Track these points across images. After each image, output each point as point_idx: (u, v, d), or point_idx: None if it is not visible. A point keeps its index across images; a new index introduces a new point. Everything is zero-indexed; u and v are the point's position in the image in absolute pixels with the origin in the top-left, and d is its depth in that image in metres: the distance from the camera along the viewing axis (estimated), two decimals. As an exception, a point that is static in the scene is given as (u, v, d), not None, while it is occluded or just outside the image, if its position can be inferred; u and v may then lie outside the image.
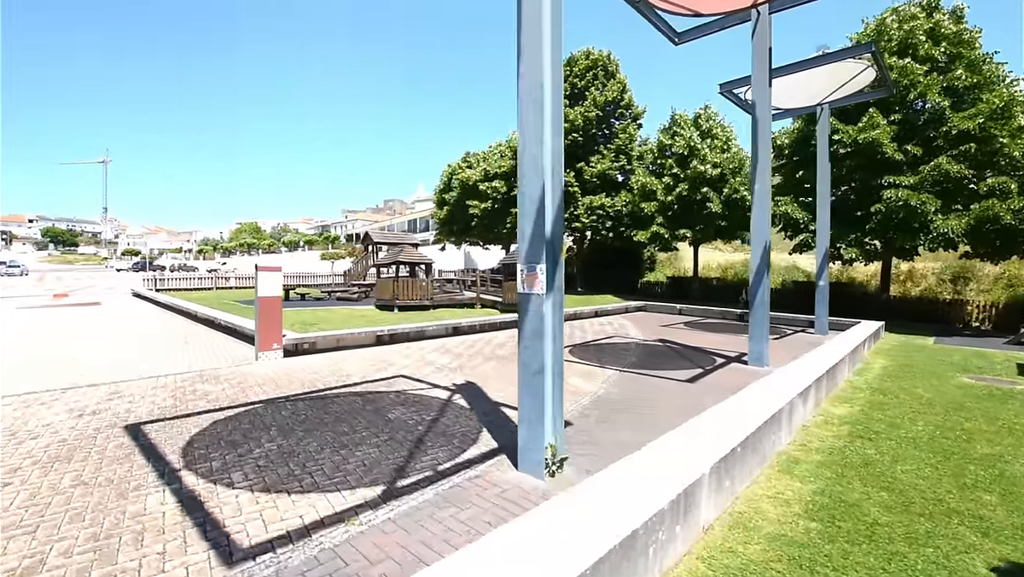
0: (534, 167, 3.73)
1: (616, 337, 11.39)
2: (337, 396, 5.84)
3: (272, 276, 7.90)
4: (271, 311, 7.83)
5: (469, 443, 4.42)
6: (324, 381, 6.55)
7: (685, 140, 19.85)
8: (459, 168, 29.69)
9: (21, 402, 5.36)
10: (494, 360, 8.32)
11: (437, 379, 6.87)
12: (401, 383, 6.57)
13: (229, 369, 7.20)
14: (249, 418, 4.92)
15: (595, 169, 23.44)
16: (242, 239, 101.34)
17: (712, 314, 16.31)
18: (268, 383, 6.39)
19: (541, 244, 3.70)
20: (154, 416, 4.95)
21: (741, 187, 18.71)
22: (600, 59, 24.37)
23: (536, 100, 3.73)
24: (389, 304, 16.44)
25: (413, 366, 7.67)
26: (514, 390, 6.26)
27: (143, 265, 58.07)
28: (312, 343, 8.64)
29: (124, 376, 6.67)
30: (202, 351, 8.71)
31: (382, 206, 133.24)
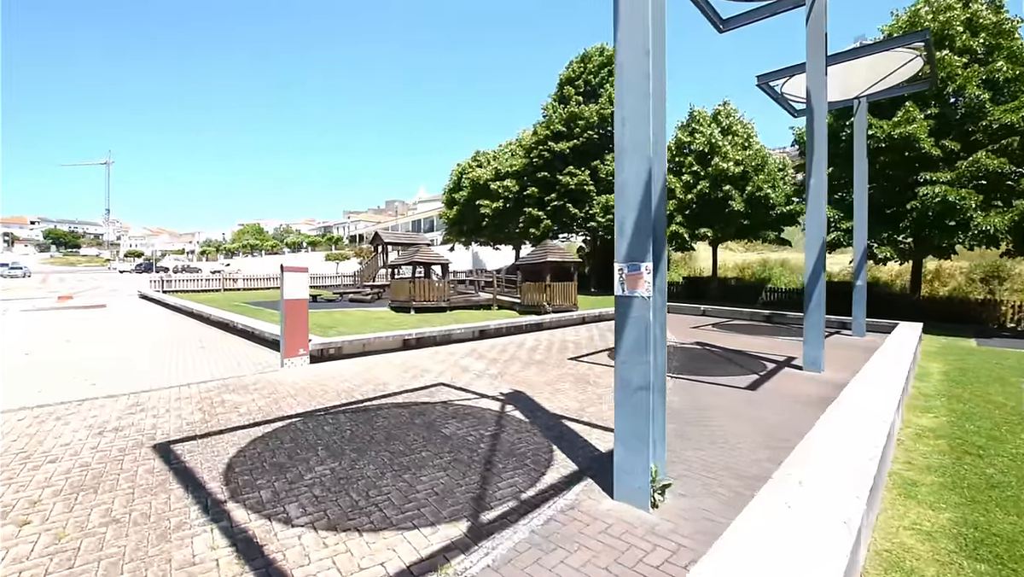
0: (636, 149, 3.22)
1: (650, 340, 10.86)
2: (379, 408, 5.32)
3: (298, 277, 7.38)
4: (298, 314, 7.32)
5: (544, 464, 3.91)
6: (361, 391, 6.03)
7: (705, 137, 19.34)
8: (469, 167, 29.20)
9: (34, 417, 4.84)
10: (534, 365, 7.81)
11: (480, 387, 6.35)
12: (444, 392, 6.05)
13: (255, 377, 6.68)
14: (290, 435, 4.40)
15: (611, 167, 22.92)
16: (244, 240, 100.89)
17: (739, 315, 15.79)
18: (300, 393, 5.87)
19: (646, 239, 3.19)
20: (184, 433, 4.43)
21: (764, 184, 18.20)
22: (615, 55, 23.87)
23: (640, 70, 3.21)
24: (405, 306, 15.93)
25: (450, 373, 7.15)
26: (567, 400, 5.76)
27: (146, 266, 57.59)
28: (338, 348, 8.13)
29: (143, 385, 6.15)
30: (221, 356, 8.19)
31: (384, 207, 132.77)
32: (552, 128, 23.38)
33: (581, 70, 24.07)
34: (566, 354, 8.97)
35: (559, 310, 15.37)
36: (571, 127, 23.09)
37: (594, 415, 5.27)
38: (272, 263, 75.48)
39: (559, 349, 9.47)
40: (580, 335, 11.44)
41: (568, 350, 9.41)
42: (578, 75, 24.09)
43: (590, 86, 24.09)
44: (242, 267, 67.10)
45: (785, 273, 23.05)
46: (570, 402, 5.77)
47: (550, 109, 24.11)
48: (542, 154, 23.70)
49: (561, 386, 6.52)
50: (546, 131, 23.62)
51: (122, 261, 75.36)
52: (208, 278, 24.65)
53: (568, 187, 22.70)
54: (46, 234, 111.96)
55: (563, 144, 23.01)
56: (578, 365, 7.97)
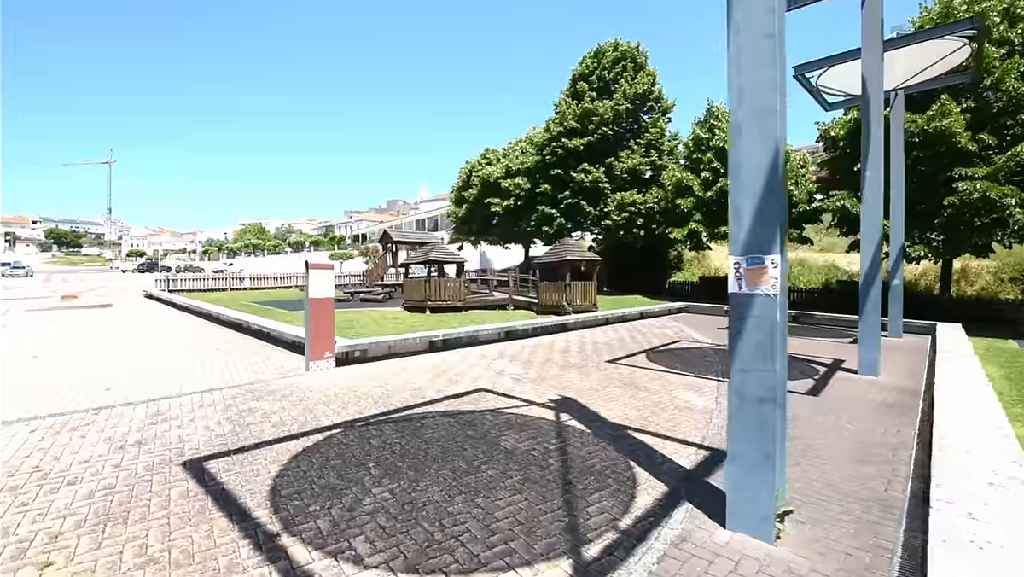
0: (761, 124, 2.75)
1: (684, 341, 10.40)
2: (424, 417, 4.86)
3: (324, 275, 6.92)
4: (324, 315, 6.85)
5: (629, 484, 3.44)
6: (397, 397, 5.56)
7: (726, 133, 18.84)
8: (479, 165, 28.73)
9: (47, 428, 4.38)
10: (572, 369, 7.34)
11: (524, 393, 5.89)
12: (488, 400, 5.58)
13: (280, 382, 6.22)
14: (335, 450, 3.94)
15: (625, 164, 22.48)
16: (247, 240, 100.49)
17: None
18: (333, 400, 5.40)
19: (773, 227, 2.72)
20: (215, 447, 3.97)
21: (787, 182, 17.69)
22: (629, 51, 23.43)
23: (766, 31, 2.74)
24: (420, 306, 15.47)
25: (487, 377, 6.68)
26: (624, 408, 5.26)
27: (149, 266, 57.17)
28: (364, 350, 7.66)
29: (161, 391, 5.69)
30: (239, 359, 7.73)
31: (385, 206, 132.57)
32: (566, 124, 22.91)
33: (595, 65, 23.60)
34: (601, 356, 8.51)
35: (579, 310, 14.91)
36: (585, 123, 22.62)
37: (660, 425, 4.80)
38: (275, 263, 75.02)
39: (592, 351, 9.01)
40: (608, 336, 10.96)
41: (601, 352, 8.94)
42: (591, 71, 23.63)
43: (603, 81, 23.62)
44: (245, 266, 66.68)
45: (804, 272, 22.56)
46: (628, 410, 5.30)
47: (563, 105, 23.64)
48: (555, 151, 23.23)
49: (611, 392, 6.05)
50: (559, 127, 23.15)
51: (124, 260, 74.96)
52: (214, 277, 24.19)
53: (583, 184, 22.23)
54: (48, 234, 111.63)
55: (577, 141, 22.54)
56: (619, 368, 7.50)
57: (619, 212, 22.06)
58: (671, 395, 5.99)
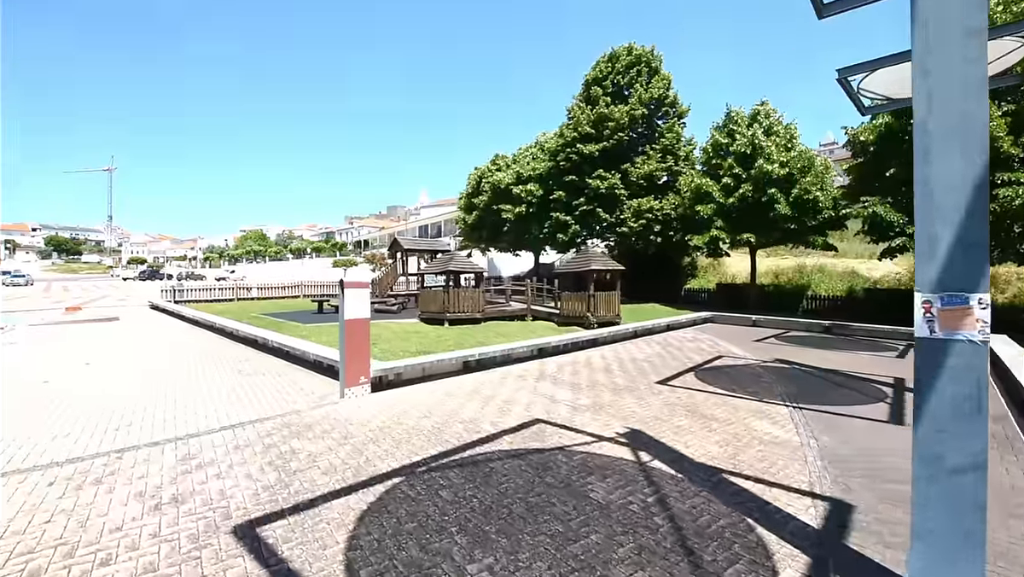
0: (964, 134, 2.25)
1: (726, 357, 9.88)
2: (489, 459, 4.33)
3: (360, 294, 6.41)
4: (360, 336, 6.34)
5: (760, 553, 2.92)
6: (451, 432, 5.04)
7: (747, 138, 18.40)
8: (488, 171, 28.30)
9: (67, 480, 3.85)
10: (625, 393, 6.81)
11: (586, 424, 5.37)
12: (550, 434, 5.06)
13: (316, 413, 5.69)
14: (405, 507, 3.41)
15: (641, 170, 22.02)
16: (248, 246, 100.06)
17: (795, 326, 14.80)
18: (381, 436, 4.87)
19: (979, 259, 2.21)
20: (265, 505, 3.44)
21: (812, 187, 17.24)
22: (643, 55, 23.04)
23: (967, 23, 2.25)
24: (438, 317, 14.95)
25: (539, 405, 6.16)
26: (703, 442, 4.58)
27: (150, 273, 56.67)
28: (398, 374, 7.14)
29: (188, 425, 5.16)
30: (264, 383, 7.20)
31: (386, 212, 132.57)
32: (580, 130, 22.46)
33: (608, 70, 23.19)
34: (647, 376, 7.98)
35: (603, 322, 14.40)
36: (600, 129, 22.18)
37: (753, 465, 4.28)
38: (277, 269, 74.52)
39: (635, 370, 8.48)
40: (644, 352, 10.45)
41: (645, 371, 8.42)
42: (605, 75, 23.21)
43: (618, 86, 23.20)
44: (247, 274, 66.20)
45: (824, 279, 22.05)
46: (708, 445, 4.78)
47: (577, 111, 23.20)
48: (569, 156, 22.78)
49: (679, 422, 5.53)
50: (574, 133, 22.71)
51: (125, 268, 74.43)
52: (221, 287, 23.66)
53: (598, 191, 21.76)
54: (47, 241, 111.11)
55: (592, 146, 22.09)
56: (674, 391, 6.98)
57: (636, 219, 21.57)
58: (745, 425, 5.47)
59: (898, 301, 17.82)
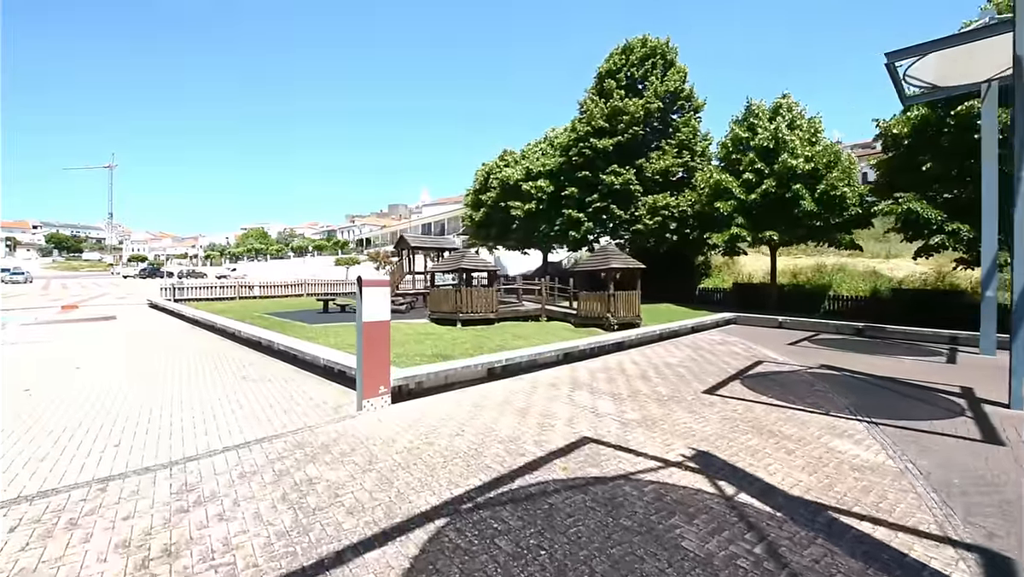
0: None
1: (766, 363, 9.16)
2: (544, 491, 3.62)
3: (379, 294, 5.70)
4: (379, 342, 5.63)
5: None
6: (491, 453, 4.33)
7: (770, 132, 17.67)
8: (496, 167, 27.56)
9: (33, 521, 3.13)
10: (673, 404, 6.10)
11: (642, 444, 4.66)
12: (607, 457, 4.34)
13: (332, 429, 4.98)
14: (457, 563, 2.70)
15: (656, 166, 21.30)
16: (249, 244, 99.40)
17: (825, 328, 14.07)
18: (412, 461, 4.16)
19: None
20: (279, 560, 2.72)
21: (839, 183, 16.50)
22: (658, 47, 22.31)
23: None
24: (450, 318, 14.25)
25: (583, 419, 5.44)
26: (786, 468, 3.68)
27: (151, 271, 56.03)
28: (419, 382, 6.43)
29: (185, 446, 4.45)
30: (270, 391, 6.49)
31: (387, 210, 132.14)
32: (594, 124, 21.73)
33: (622, 62, 22.46)
34: (689, 385, 7.27)
35: (623, 323, 13.70)
36: (614, 123, 21.45)
37: (856, 499, 3.58)
38: (279, 267, 73.86)
39: (675, 377, 7.77)
40: (676, 356, 9.73)
41: (685, 378, 7.71)
42: (619, 68, 22.48)
43: (632, 79, 22.48)
44: (248, 272, 65.59)
45: (846, 279, 21.31)
46: (794, 472, 4.07)
47: (590, 104, 22.47)
48: (583, 151, 22.05)
49: (747, 441, 4.82)
50: (587, 127, 21.97)
51: (125, 266, 73.78)
52: (222, 285, 22.95)
53: (612, 187, 21.04)
54: (48, 238, 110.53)
55: (606, 141, 21.36)
56: (726, 403, 6.26)
57: (651, 216, 20.84)
58: (825, 446, 4.76)
59: (925, 302, 17.11)
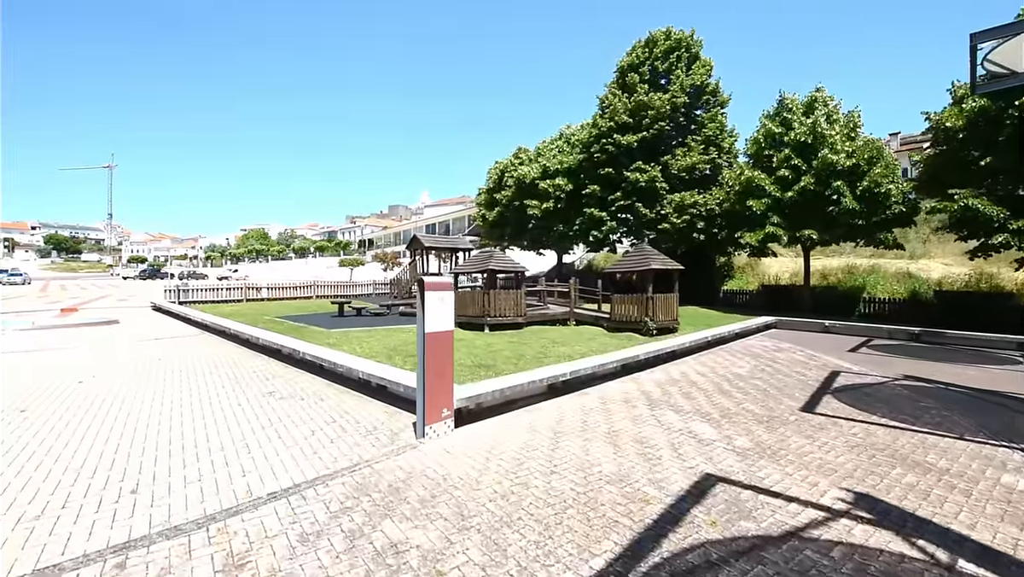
0: None
1: (844, 373, 8.26)
2: (708, 560, 2.72)
3: (443, 299, 4.80)
4: (443, 356, 4.74)
5: None
6: (608, 502, 3.43)
7: (807, 127, 16.79)
8: (511, 165, 26.67)
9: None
10: (779, 426, 5.20)
11: (776, 481, 3.77)
12: (749, 504, 3.45)
13: (395, 464, 4.08)
14: None
15: (682, 163, 20.43)
16: (250, 245, 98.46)
17: (877, 333, 13.20)
18: (513, 513, 3.26)
19: None
20: None
21: (883, 179, 15.64)
22: (683, 39, 21.45)
23: None
24: (476, 322, 13.36)
25: (687, 448, 4.54)
26: (973, 517, 3.08)
27: (151, 272, 55.07)
28: (479, 402, 5.54)
29: (220, 492, 3.55)
30: (307, 413, 5.58)
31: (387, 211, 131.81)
32: (616, 119, 20.84)
33: (646, 55, 21.59)
34: (778, 401, 6.38)
35: (661, 328, 12.81)
36: (638, 118, 20.57)
37: None
38: (282, 268, 72.94)
39: (756, 392, 6.88)
40: (739, 366, 8.85)
41: (767, 392, 6.82)
42: (642, 61, 21.61)
43: (656, 73, 21.62)
44: (249, 272, 64.67)
45: (880, 280, 20.44)
46: (997, 524, 3.21)
47: (612, 98, 21.58)
48: (605, 148, 21.16)
49: (902, 478, 3.93)
50: (610, 123, 21.08)
51: (125, 267, 72.77)
52: (229, 287, 22.02)
53: (637, 184, 20.14)
54: (47, 239, 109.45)
55: (630, 137, 20.48)
56: (837, 424, 5.37)
57: (678, 214, 19.96)
58: (999, 483, 3.90)
59: (971, 305, 16.22)
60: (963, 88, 14.08)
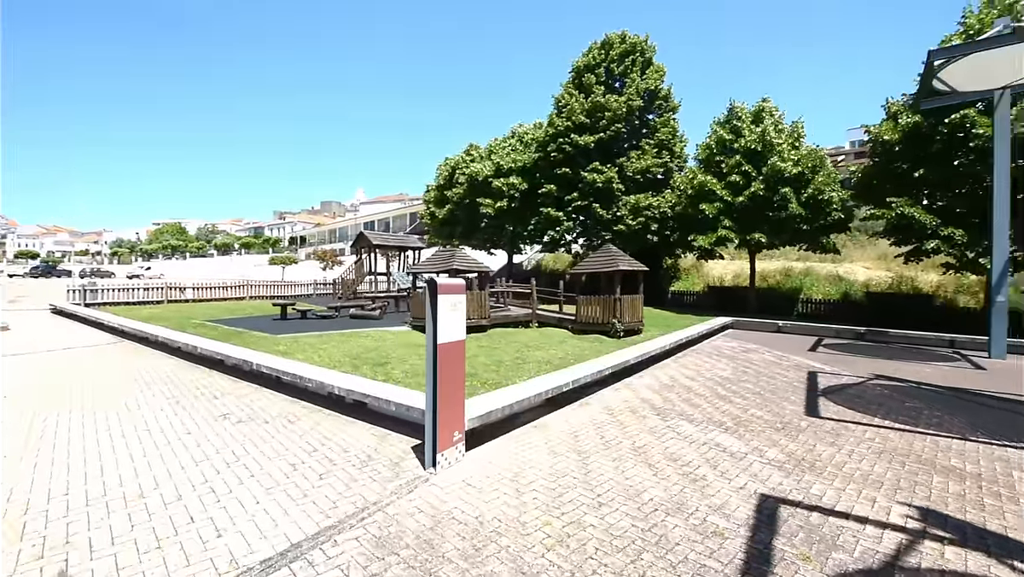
0: None
1: (821, 374, 8.40)
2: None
3: (456, 303, 4.12)
4: (455, 370, 4.07)
5: None
6: (682, 540, 2.95)
7: (757, 135, 17.50)
8: (463, 162, 25.93)
9: None
10: (796, 433, 5.01)
11: (834, 500, 3.49)
12: (829, 530, 3.11)
13: (409, 504, 3.38)
14: None
15: (637, 165, 20.68)
16: (164, 240, 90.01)
17: (825, 332, 13.87)
18: (585, 566, 2.70)
19: None
20: None
21: (825, 186, 16.59)
22: (638, 44, 21.76)
23: None
24: (439, 325, 12.56)
25: (723, 464, 4.19)
26: None
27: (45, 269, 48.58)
28: (487, 421, 4.90)
29: (189, 562, 2.70)
30: (277, 439, 4.68)
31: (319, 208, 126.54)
32: (574, 119, 20.74)
33: (602, 57, 21.68)
34: (779, 405, 6.27)
35: (628, 330, 12.70)
36: (595, 119, 20.60)
37: None
38: (203, 266, 67.08)
39: (753, 396, 6.75)
40: (722, 368, 8.80)
41: (763, 396, 6.72)
42: (598, 62, 21.68)
43: (611, 75, 21.77)
44: (165, 271, 58.98)
45: (814, 283, 21.82)
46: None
47: (568, 99, 21.47)
48: (562, 147, 20.99)
49: (947, 487, 3.80)
50: (567, 122, 20.95)
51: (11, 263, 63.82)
52: (147, 287, 19.49)
53: (594, 185, 20.13)
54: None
55: (587, 137, 20.44)
56: (848, 429, 5.27)
57: (633, 216, 20.17)
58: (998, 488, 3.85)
59: (897, 305, 17.66)
60: (896, 105, 15.20)
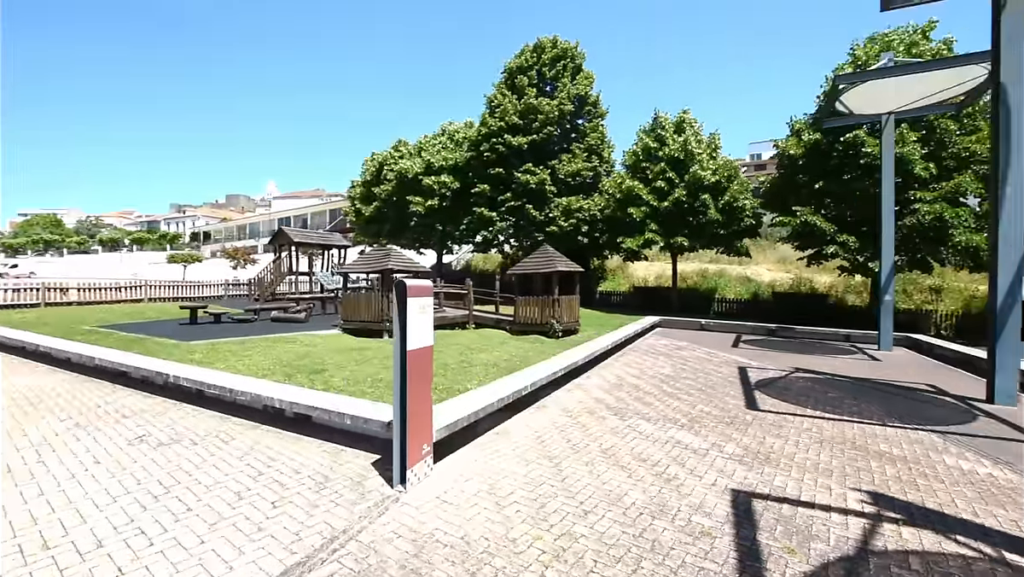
0: None
1: (750, 369, 9.01)
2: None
3: (424, 306, 3.83)
4: (423, 378, 3.79)
5: None
6: (675, 543, 2.93)
7: (680, 144, 18.59)
8: (391, 158, 25.06)
9: None
10: (744, 428, 5.29)
11: (795, 490, 3.70)
12: (801, 520, 3.25)
13: (383, 529, 3.06)
14: None
15: (568, 168, 21.16)
16: (35, 234, 78.19)
17: (742, 329, 15.01)
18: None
19: None
20: None
21: (739, 194, 18.00)
22: (569, 49, 22.28)
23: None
24: (371, 328, 12.00)
25: (689, 461, 4.29)
26: (966, 502, 3.29)
27: None
28: (453, 431, 4.65)
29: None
30: (214, 463, 4.11)
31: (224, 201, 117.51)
32: (507, 120, 20.77)
33: (534, 60, 21.92)
34: (722, 400, 6.61)
35: (566, 330, 12.92)
36: (528, 120, 20.77)
37: None
38: (85, 264, 59.04)
39: (696, 391, 7.06)
40: (663, 366, 9.16)
41: (705, 392, 7.06)
42: (530, 65, 21.90)
43: (543, 78, 22.08)
44: (36, 269, 51.26)
45: (728, 284, 23.65)
46: (992, 508, 3.47)
47: (501, 98, 21.47)
48: (495, 147, 20.94)
49: (884, 470, 4.17)
50: (500, 122, 20.93)
51: None
52: (18, 288, 16.56)
53: (527, 186, 20.29)
54: None
55: (520, 138, 20.57)
56: (787, 421, 5.66)
57: (565, 218, 20.60)
58: (949, 467, 4.33)
59: (800, 304, 19.59)
60: (800, 123, 16.83)
